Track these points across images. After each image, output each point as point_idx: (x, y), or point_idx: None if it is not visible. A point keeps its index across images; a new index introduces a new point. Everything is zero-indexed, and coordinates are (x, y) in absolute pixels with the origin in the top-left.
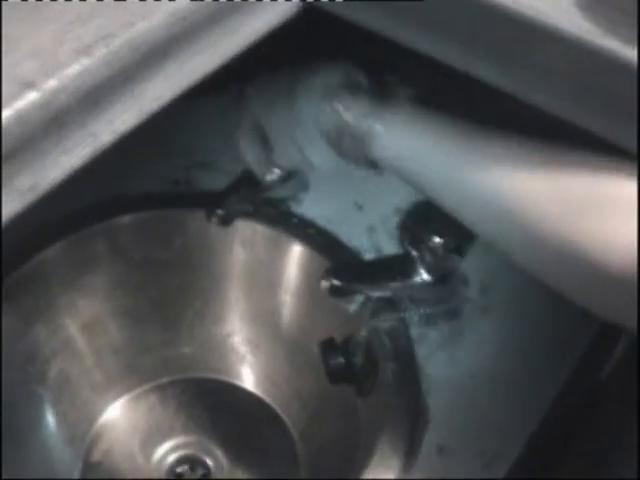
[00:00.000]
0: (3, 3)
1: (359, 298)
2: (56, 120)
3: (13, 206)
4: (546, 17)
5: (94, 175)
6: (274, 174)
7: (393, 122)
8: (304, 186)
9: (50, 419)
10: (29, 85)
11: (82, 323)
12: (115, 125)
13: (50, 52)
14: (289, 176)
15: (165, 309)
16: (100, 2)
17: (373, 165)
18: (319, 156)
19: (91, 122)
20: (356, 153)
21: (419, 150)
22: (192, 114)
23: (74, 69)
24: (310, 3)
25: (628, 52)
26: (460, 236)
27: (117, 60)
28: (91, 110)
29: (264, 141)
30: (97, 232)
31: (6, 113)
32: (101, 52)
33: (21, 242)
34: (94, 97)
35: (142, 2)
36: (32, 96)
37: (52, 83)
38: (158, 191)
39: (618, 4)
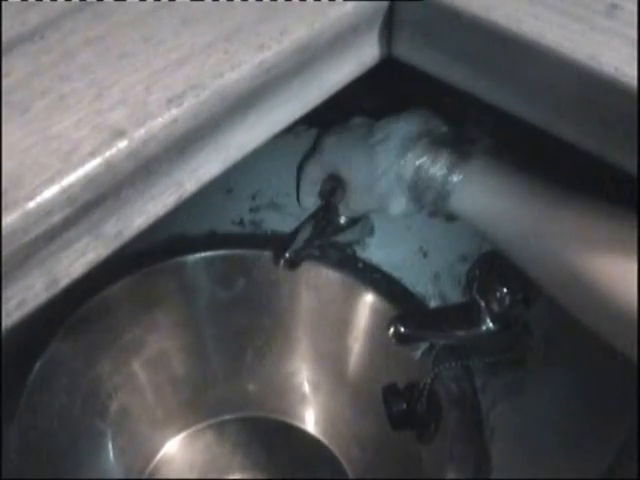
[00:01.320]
0: (92, 48)
1: (424, 345)
2: (144, 169)
3: (99, 252)
4: (629, 79)
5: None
6: (341, 218)
7: (472, 176)
8: (370, 231)
9: (109, 453)
10: (120, 133)
11: (145, 359)
12: (199, 174)
13: (140, 100)
14: (355, 220)
15: (227, 347)
16: (188, 50)
17: (450, 217)
18: (397, 206)
19: (176, 171)
20: (434, 204)
21: (495, 205)
22: (260, 154)
23: (164, 119)
24: (390, 55)
25: None
26: (527, 287)
27: (205, 110)
28: (177, 159)
29: (337, 187)
30: (164, 270)
31: (96, 161)
32: (190, 102)
33: (88, 278)
34: (181, 146)
35: (227, 53)
36: (122, 144)
37: (142, 132)
38: (224, 231)
39: None
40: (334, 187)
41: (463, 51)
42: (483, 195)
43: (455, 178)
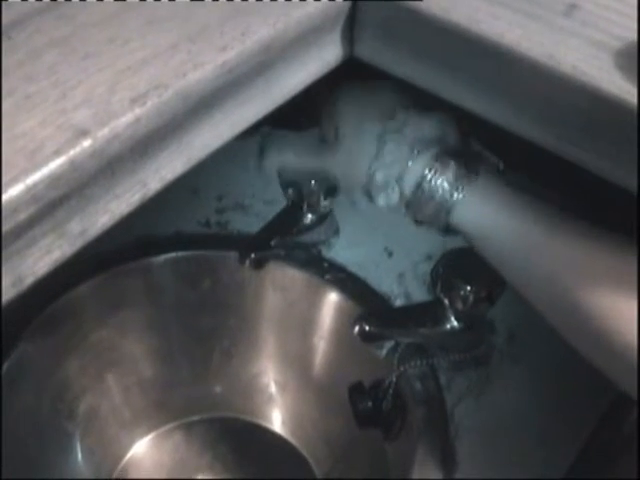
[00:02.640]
0: (58, 49)
1: (389, 344)
2: (108, 168)
3: (64, 250)
4: (588, 77)
5: (128, 214)
6: (307, 218)
7: (477, 193)
8: (335, 231)
9: (77, 455)
10: (83, 133)
11: (112, 360)
12: (163, 173)
13: (104, 100)
14: (321, 220)
15: (194, 348)
16: (151, 50)
17: (447, 230)
18: (385, 201)
19: (140, 170)
20: (434, 217)
21: (497, 225)
22: (225, 156)
23: (127, 118)
24: (352, 55)
25: None
26: (490, 285)
27: (168, 110)
28: (141, 158)
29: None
30: (130, 271)
31: (60, 160)
32: (153, 102)
33: (54, 279)
34: (144, 146)
35: (190, 53)
36: (86, 144)
37: (105, 131)
38: (190, 232)
39: None
40: (299, 187)
41: (423, 51)
42: (486, 214)
43: (459, 193)
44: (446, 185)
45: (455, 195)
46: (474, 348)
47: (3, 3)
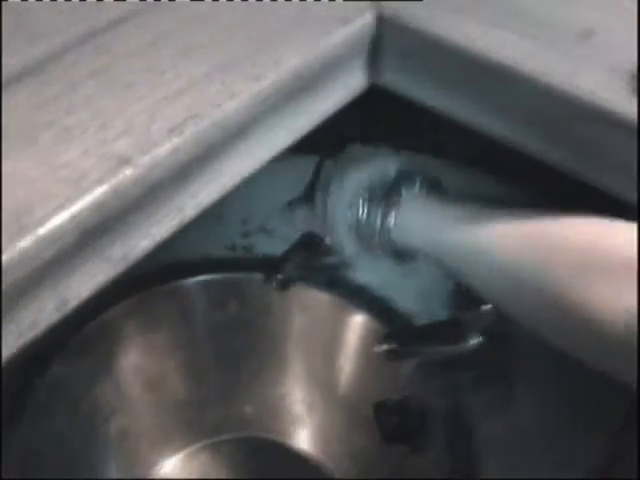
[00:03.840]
0: (96, 80)
1: (413, 362)
2: (149, 194)
3: (107, 274)
4: (601, 100)
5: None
6: (329, 240)
7: (404, 210)
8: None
9: (109, 475)
10: (125, 161)
11: (144, 381)
12: (199, 199)
13: (143, 129)
14: None
15: (223, 369)
16: (186, 80)
17: (401, 255)
18: (348, 250)
19: (178, 196)
20: (383, 247)
21: (429, 230)
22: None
23: (166, 147)
24: (376, 83)
25: None
26: None
27: (205, 139)
28: (179, 185)
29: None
30: (161, 294)
31: (103, 188)
32: (190, 131)
33: (87, 301)
34: (182, 173)
35: (224, 83)
36: (128, 172)
37: (146, 160)
38: (217, 256)
39: None
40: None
41: (447, 79)
42: (417, 224)
43: (391, 221)
44: (378, 219)
45: (388, 224)
46: (496, 364)
47: (38, 37)
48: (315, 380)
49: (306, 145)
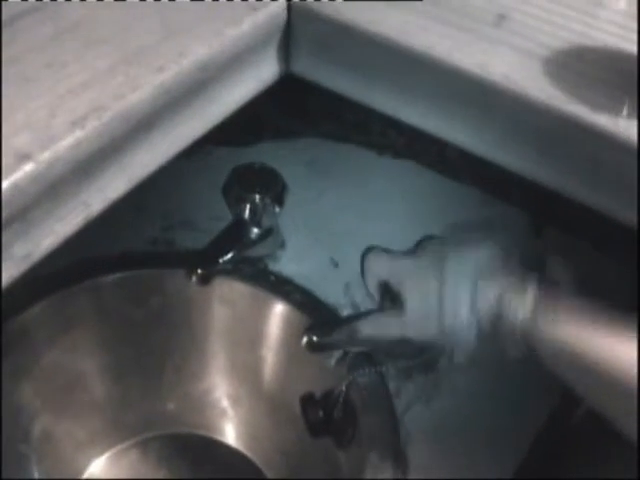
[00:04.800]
0: None
1: (337, 353)
2: (51, 190)
3: (10, 273)
4: (515, 85)
5: (75, 235)
6: (252, 233)
7: (558, 317)
8: (281, 244)
9: (34, 477)
10: (25, 157)
11: (65, 381)
12: (105, 193)
13: (44, 124)
14: (266, 234)
15: (146, 366)
16: (90, 73)
17: (529, 353)
18: (463, 336)
19: (83, 191)
20: (513, 343)
21: (581, 346)
22: (170, 173)
23: (68, 141)
24: (289, 72)
25: (593, 117)
26: None
27: (108, 131)
28: (83, 180)
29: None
30: (79, 291)
31: (4, 185)
32: (93, 124)
33: (4, 301)
34: (86, 167)
35: (128, 75)
36: (28, 167)
37: (47, 155)
38: (138, 250)
39: (584, 70)
40: (244, 202)
41: (357, 65)
42: (569, 336)
43: (541, 319)
44: (525, 311)
45: (536, 322)
46: (421, 354)
47: None
48: (239, 374)
49: (225, 136)
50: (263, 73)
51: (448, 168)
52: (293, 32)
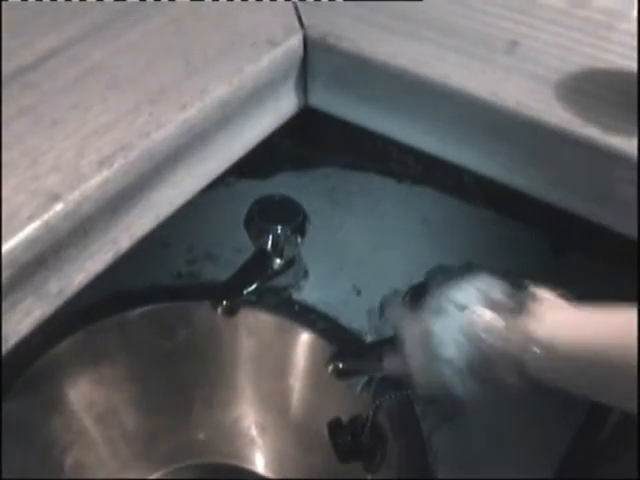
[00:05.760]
0: (24, 117)
1: (363, 379)
2: (81, 229)
3: (44, 310)
4: (528, 110)
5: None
6: (275, 263)
7: (551, 341)
8: (304, 274)
9: None
10: (55, 197)
11: (96, 414)
12: (133, 230)
13: (73, 164)
14: (289, 265)
15: (175, 397)
16: (115, 114)
17: (529, 385)
18: (462, 387)
19: (111, 229)
20: (507, 377)
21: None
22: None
23: (96, 180)
24: (307, 105)
25: (607, 139)
26: None
27: (134, 170)
28: (111, 218)
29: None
30: (107, 326)
31: (36, 224)
32: (120, 163)
33: (35, 337)
34: (114, 205)
35: (152, 114)
36: (59, 207)
37: (76, 194)
38: (163, 284)
39: (596, 93)
40: (267, 234)
41: (374, 96)
42: (566, 358)
43: (533, 346)
44: (518, 342)
45: (528, 349)
46: None
47: None
48: (267, 403)
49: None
50: (282, 107)
51: (466, 194)
52: (310, 66)
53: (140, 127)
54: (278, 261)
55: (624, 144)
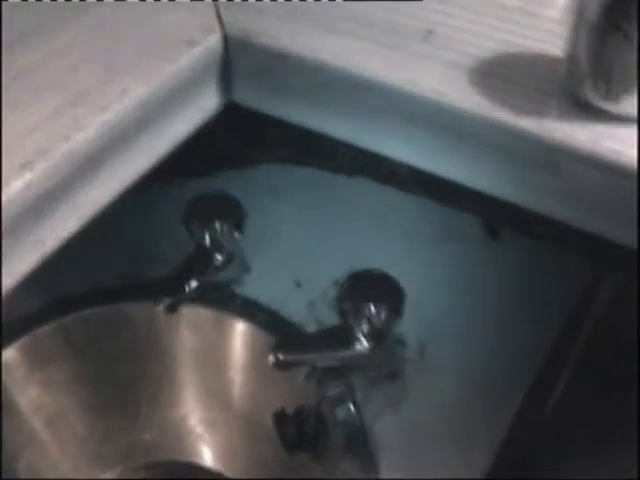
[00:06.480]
0: None
1: (305, 369)
2: (5, 231)
3: None
4: (443, 96)
5: (41, 276)
6: (216, 260)
7: None
8: (246, 269)
9: None
10: None
11: (46, 417)
12: (58, 232)
13: None
14: (230, 260)
15: (122, 398)
16: (36, 117)
17: None
18: None
19: (37, 231)
20: None
21: None
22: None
23: (18, 183)
24: (231, 101)
25: (521, 121)
26: (392, 301)
27: (56, 172)
28: (36, 220)
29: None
30: (51, 331)
31: None
32: (41, 166)
33: None
34: (38, 208)
35: (73, 117)
36: None
37: None
38: (104, 286)
39: (510, 77)
40: (206, 230)
41: (295, 90)
42: None
43: None
44: None
45: None
46: (387, 364)
47: None
48: (212, 398)
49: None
50: (205, 104)
51: (401, 183)
52: (232, 63)
53: (61, 130)
54: (219, 257)
55: (535, 125)
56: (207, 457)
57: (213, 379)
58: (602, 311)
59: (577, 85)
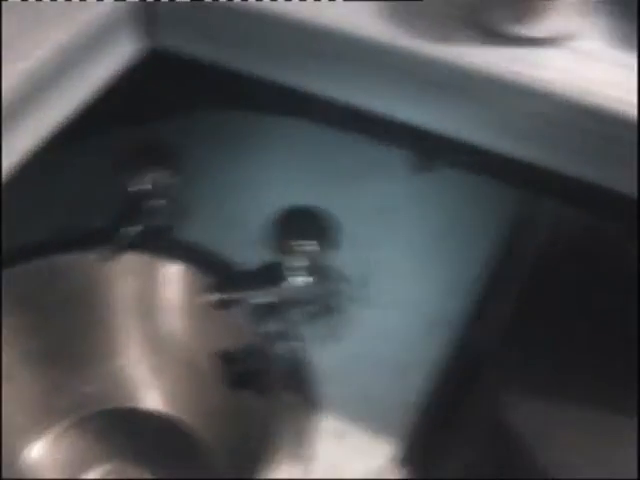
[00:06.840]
0: None
1: (243, 307)
2: None
3: None
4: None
5: None
6: (152, 205)
7: None
8: (184, 214)
9: None
10: None
11: None
12: None
13: None
14: (166, 206)
15: (66, 350)
16: None
17: None
18: None
19: None
20: None
21: None
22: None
23: None
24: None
25: (425, 48)
26: (324, 234)
27: None
28: None
29: None
30: None
31: None
32: None
33: None
34: None
35: None
36: None
37: None
38: (41, 239)
39: (418, 10)
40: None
41: (217, 33)
42: None
43: None
44: None
45: None
46: (326, 298)
47: None
48: (155, 343)
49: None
50: (125, 50)
51: (328, 119)
52: (154, 9)
53: None
54: (154, 204)
55: (445, 51)
56: (155, 402)
57: (153, 325)
58: (541, 238)
59: (485, 11)
